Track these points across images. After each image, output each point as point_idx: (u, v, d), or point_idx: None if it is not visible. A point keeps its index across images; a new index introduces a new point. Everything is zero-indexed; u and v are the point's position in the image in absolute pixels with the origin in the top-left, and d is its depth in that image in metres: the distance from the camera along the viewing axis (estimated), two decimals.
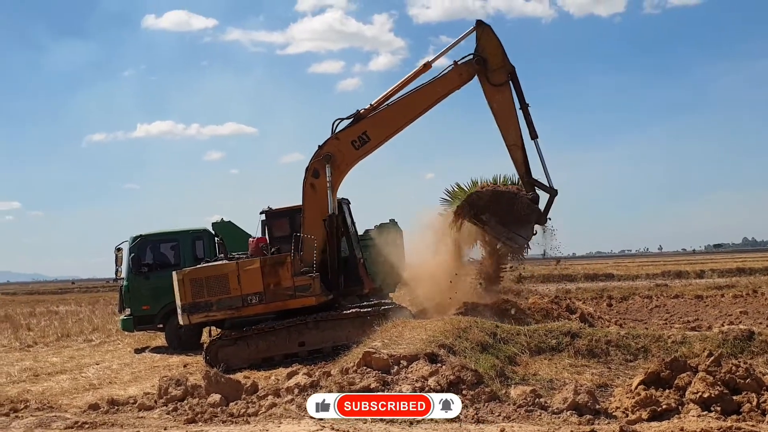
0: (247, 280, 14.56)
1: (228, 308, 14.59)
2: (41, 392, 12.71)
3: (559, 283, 41.31)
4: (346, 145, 15.23)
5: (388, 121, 15.41)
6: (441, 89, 15.54)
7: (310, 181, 15.11)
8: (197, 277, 14.63)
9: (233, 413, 9.29)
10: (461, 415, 8.43)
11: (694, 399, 8.44)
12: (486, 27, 15.55)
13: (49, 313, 34.78)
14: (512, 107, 15.55)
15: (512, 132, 15.60)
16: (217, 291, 14.51)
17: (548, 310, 16.67)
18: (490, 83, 15.39)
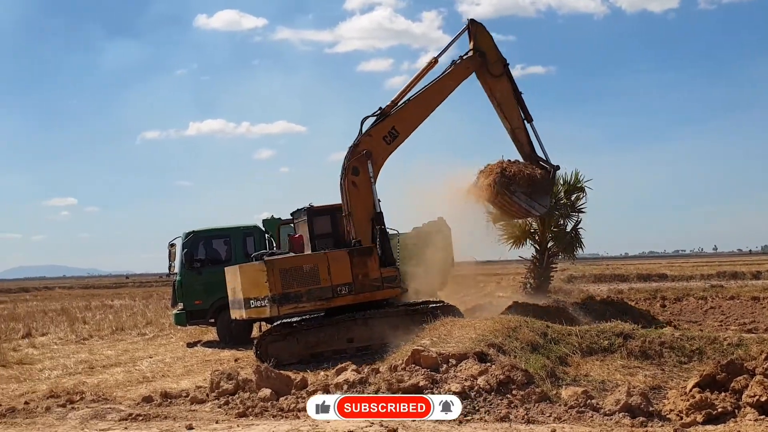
0: (337, 271, 14.58)
1: (318, 299, 14.49)
2: (96, 384, 12.96)
3: (611, 283, 40.76)
4: (379, 141, 15.57)
5: (412, 115, 16.12)
6: (453, 82, 16.77)
7: (351, 179, 15.15)
8: (288, 267, 14.43)
9: (283, 408, 9.36)
10: (511, 415, 8.38)
11: (751, 402, 8.26)
12: (479, 25, 17.12)
13: (104, 306, 35.44)
14: (511, 95, 17.39)
15: (515, 117, 17.52)
16: (308, 281, 14.38)
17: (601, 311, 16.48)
18: (491, 75, 17.02)
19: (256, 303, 14.48)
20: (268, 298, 14.20)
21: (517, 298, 21.24)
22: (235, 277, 15.04)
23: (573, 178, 22.47)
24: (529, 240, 22.63)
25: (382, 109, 15.76)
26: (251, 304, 14.53)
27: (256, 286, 14.37)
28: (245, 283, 14.62)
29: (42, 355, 17.99)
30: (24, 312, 33.18)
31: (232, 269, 15.58)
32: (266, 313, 14.62)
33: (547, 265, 22.34)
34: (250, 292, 14.52)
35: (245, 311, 14.79)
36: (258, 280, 14.34)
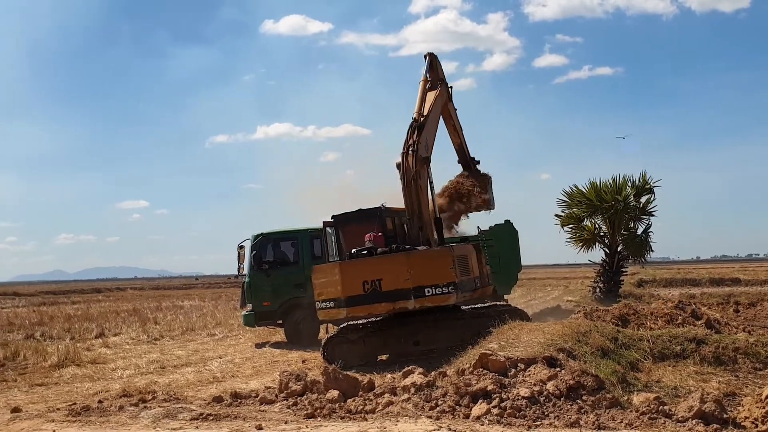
0: (474, 264, 14.96)
1: (470, 290, 14.63)
2: (167, 384, 13.21)
3: (682, 287, 39.83)
4: (423, 149, 15.48)
5: (430, 129, 16.33)
6: (440, 105, 17.30)
7: (419, 183, 15.09)
8: (460, 254, 14.50)
9: (351, 409, 9.38)
10: (582, 420, 8.26)
11: None
12: (435, 56, 17.83)
13: (175, 307, 36.13)
14: None
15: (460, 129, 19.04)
16: (465, 271, 14.50)
17: (672, 316, 16.08)
18: (449, 97, 18.14)
19: (436, 290, 14.00)
20: (453, 285, 13.93)
21: (585, 303, 21.02)
22: (391, 265, 14.32)
23: (642, 180, 22.17)
24: (599, 243, 22.42)
25: (415, 119, 15.91)
26: (426, 292, 14.00)
27: (439, 273, 14.03)
28: (421, 271, 14.07)
29: (115, 354, 18.42)
30: (97, 312, 34.02)
31: (370, 260, 14.61)
32: (452, 300, 14.15)
33: (617, 269, 22.08)
34: (426, 279, 14.03)
35: (414, 301, 14.05)
36: (440, 268, 14.07)
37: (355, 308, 14.32)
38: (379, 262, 14.37)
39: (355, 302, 14.26)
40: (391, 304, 14.11)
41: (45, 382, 14.28)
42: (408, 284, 13.96)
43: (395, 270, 14.09)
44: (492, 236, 19.92)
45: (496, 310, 14.68)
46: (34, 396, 12.77)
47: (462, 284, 14.15)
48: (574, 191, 22.14)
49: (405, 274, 14.00)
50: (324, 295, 14.64)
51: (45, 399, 12.26)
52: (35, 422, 9.70)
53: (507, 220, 20.34)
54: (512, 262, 20.03)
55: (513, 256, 20.03)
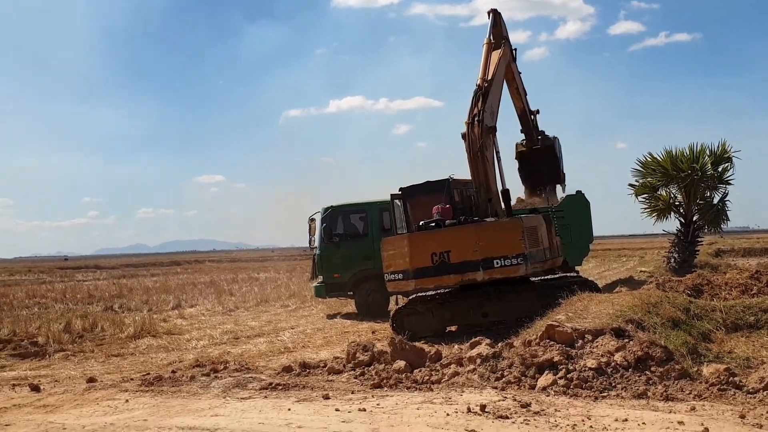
0: (545, 235, 15.05)
1: (540, 261, 14.66)
2: (240, 354, 13.52)
3: (761, 257, 38.76)
4: (488, 118, 15.30)
5: (496, 94, 16.06)
6: (504, 65, 16.82)
7: (485, 154, 14.94)
8: (531, 226, 14.53)
9: (417, 380, 9.48)
10: (649, 392, 8.18)
11: None
12: (498, 12, 17.37)
13: (250, 279, 36.81)
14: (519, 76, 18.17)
15: (525, 95, 18.35)
16: (534, 243, 14.51)
17: (747, 286, 15.72)
18: (513, 60, 17.64)
19: (505, 262, 13.99)
20: (522, 256, 13.93)
21: (659, 274, 20.66)
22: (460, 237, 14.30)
23: (720, 148, 21.60)
24: (674, 213, 21.98)
25: (479, 86, 15.59)
26: (495, 264, 14.00)
27: (508, 244, 13.98)
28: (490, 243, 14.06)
29: (190, 325, 18.92)
30: (174, 284, 34.90)
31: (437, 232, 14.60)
32: (520, 272, 14.12)
33: (693, 239, 21.63)
34: (494, 251, 14.01)
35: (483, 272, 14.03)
36: (509, 239, 14.02)
37: (423, 280, 14.35)
38: (447, 234, 14.34)
39: (424, 274, 14.28)
40: (459, 276, 14.11)
41: (121, 352, 14.77)
42: (476, 256, 13.92)
43: (464, 242, 14.07)
44: (563, 207, 19.70)
45: (566, 282, 14.55)
46: (110, 366, 13.23)
47: (531, 255, 14.05)
48: (649, 160, 21.65)
49: (473, 245, 13.96)
50: (392, 267, 14.72)
51: (120, 369, 12.69)
52: (109, 392, 10.05)
53: (578, 191, 20.07)
54: (583, 234, 19.78)
55: (584, 227, 19.78)
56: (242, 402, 8.94)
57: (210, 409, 8.63)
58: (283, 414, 8.17)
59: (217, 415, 8.32)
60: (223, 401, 9.03)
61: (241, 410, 8.47)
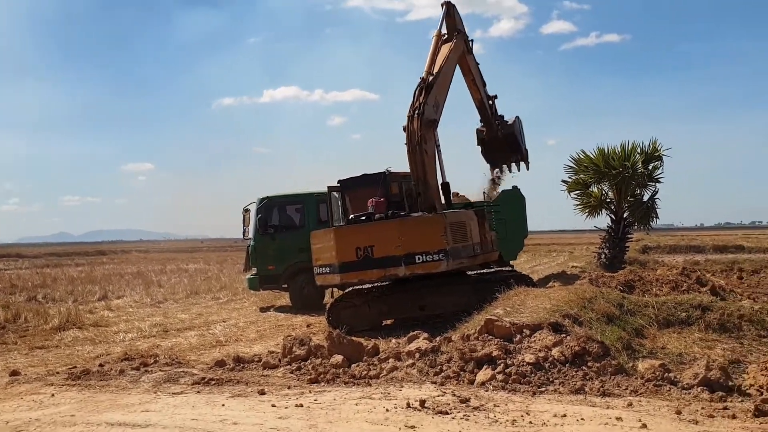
0: (474, 230, 14.83)
1: (468, 256, 14.45)
2: (170, 347, 13.17)
3: (686, 254, 39.82)
4: (430, 111, 15.28)
5: (442, 87, 16.08)
6: (455, 57, 17.00)
7: (423, 147, 14.89)
8: (454, 221, 14.24)
9: (355, 375, 9.36)
10: (587, 387, 8.23)
11: None
12: (454, 5, 17.48)
13: (179, 270, 36.15)
14: (477, 67, 18.47)
15: (483, 86, 18.70)
16: (461, 238, 14.32)
17: (677, 282, 16.06)
18: (468, 51, 17.85)
19: (426, 258, 13.81)
20: (443, 252, 13.75)
21: (590, 269, 20.98)
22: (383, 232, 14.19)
23: (651, 147, 22.02)
24: (605, 210, 22.34)
25: (423, 79, 15.49)
26: (417, 259, 13.83)
27: (430, 240, 13.83)
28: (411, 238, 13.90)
29: (117, 317, 18.39)
30: (100, 275, 34.05)
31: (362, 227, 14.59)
32: (441, 267, 13.85)
33: (623, 235, 22.02)
34: (416, 246, 13.83)
35: (405, 268, 13.89)
36: (431, 235, 13.85)
37: (348, 274, 14.31)
38: (371, 228, 14.30)
39: (348, 268, 14.23)
40: (382, 271, 14.04)
41: (45, 344, 14.22)
42: (399, 251, 13.82)
43: (387, 237, 13.98)
44: (499, 202, 19.83)
45: (501, 276, 14.62)
46: (34, 359, 12.72)
47: (455, 251, 13.97)
48: (582, 157, 21.97)
49: (396, 240, 13.86)
50: (320, 260, 14.75)
51: (45, 362, 12.20)
52: (34, 386, 9.70)
53: (514, 186, 20.26)
54: (519, 228, 19.96)
55: (519, 222, 19.96)
56: (174, 397, 8.69)
57: (140, 404, 8.37)
58: (217, 410, 7.96)
59: (148, 410, 8.06)
60: (154, 396, 8.77)
61: (173, 406, 8.22)
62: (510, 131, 19.23)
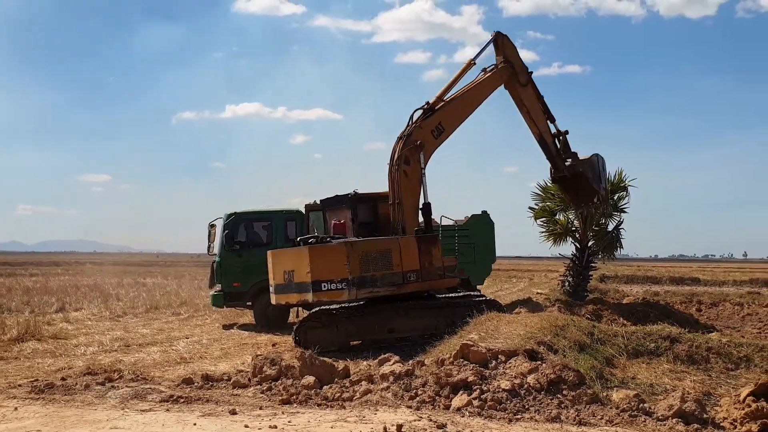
0: (408, 257, 14.39)
1: (390, 284, 14.21)
2: (133, 363, 12.89)
3: (643, 284, 40.25)
4: (428, 134, 15.50)
5: (456, 113, 16.28)
6: (489, 88, 17.15)
7: (403, 168, 14.97)
8: (367, 250, 14.10)
9: (328, 397, 9.23)
10: (562, 415, 8.19)
11: None
12: (505, 36, 17.49)
13: (137, 284, 35.58)
14: (537, 101, 17.93)
15: (542, 121, 18.03)
16: (382, 266, 14.11)
17: (643, 313, 16.17)
18: (520, 84, 17.51)
19: (330, 286, 13.85)
20: (347, 281, 13.75)
21: (554, 296, 21.06)
22: (299, 258, 14.29)
23: (617, 177, 22.22)
24: (570, 238, 22.45)
25: (429, 104, 15.79)
26: (323, 287, 13.85)
27: (333, 268, 13.85)
28: (317, 266, 13.92)
29: (77, 330, 17.99)
30: (56, 286, 33.35)
31: (289, 251, 15.02)
32: (344, 297, 13.97)
33: (587, 264, 22.12)
34: (322, 274, 13.85)
35: (312, 294, 13.93)
36: (335, 263, 13.86)
37: (279, 296, 14.76)
38: (293, 253, 14.60)
39: (280, 290, 14.67)
40: (299, 296, 14.27)
41: (4, 356, 13.80)
42: (309, 277, 13.88)
43: (301, 262, 14.07)
44: (468, 226, 19.85)
45: (471, 301, 14.59)
46: None
47: (362, 281, 13.81)
48: (549, 185, 22.09)
49: (307, 267, 13.91)
50: (271, 279, 15.03)
51: (5, 374, 11.81)
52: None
53: (484, 211, 20.28)
54: (487, 253, 19.98)
55: (488, 247, 19.98)
56: (143, 414, 8.49)
57: (108, 420, 8.16)
58: (188, 429, 7.79)
59: (117, 427, 7.87)
60: (122, 413, 8.56)
61: (143, 423, 8.03)
62: (578, 170, 18.52)
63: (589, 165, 18.60)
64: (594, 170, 18.68)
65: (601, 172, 18.91)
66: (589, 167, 18.59)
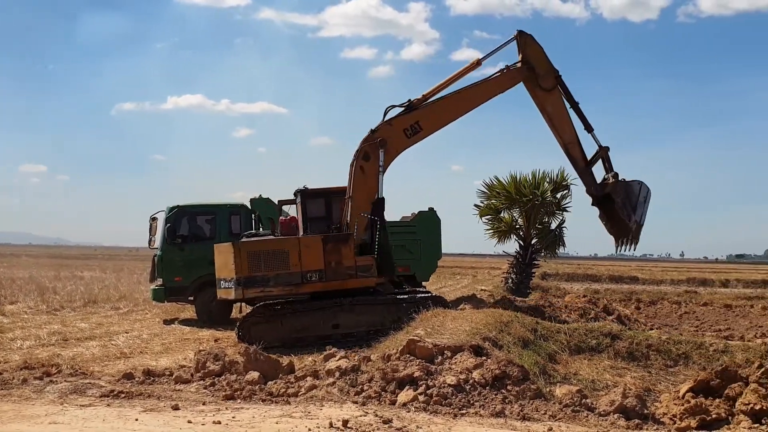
0: (308, 257, 14.35)
1: (286, 284, 14.28)
2: (72, 357, 12.58)
3: (583, 282, 40.93)
4: (399, 132, 15.28)
5: (440, 113, 15.73)
6: (492, 89, 16.18)
7: (360, 163, 14.93)
8: (256, 250, 14.24)
9: (272, 392, 9.15)
10: (506, 410, 8.24)
11: (745, 410, 8.15)
12: (528, 36, 16.22)
13: (74, 277, 34.78)
14: (564, 108, 16.29)
15: (568, 131, 16.31)
16: (276, 266, 14.17)
17: (585, 310, 16.39)
18: (541, 89, 16.12)
19: (225, 284, 14.60)
20: (234, 280, 14.15)
21: (498, 293, 21.24)
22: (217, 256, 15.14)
23: (559, 176, 22.49)
24: (514, 235, 22.68)
25: (411, 101, 15.47)
26: (222, 284, 14.77)
27: (226, 267, 14.38)
28: (219, 263, 14.86)
29: (12, 324, 17.50)
30: None
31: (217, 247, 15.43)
32: (232, 295, 14.51)
33: (530, 261, 22.38)
34: (221, 272, 14.71)
35: (218, 291, 15.19)
36: (227, 262, 14.30)
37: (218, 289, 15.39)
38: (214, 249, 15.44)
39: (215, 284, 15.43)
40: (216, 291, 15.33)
41: None
42: (215, 275, 15.07)
43: (216, 260, 15.10)
44: (415, 223, 19.88)
45: (417, 297, 14.61)
46: None
47: (251, 280, 14.09)
48: (495, 183, 22.28)
49: (218, 263, 14.94)
50: None
51: None
52: None
53: (431, 208, 20.33)
54: (433, 250, 20.04)
55: (434, 244, 20.05)
56: (83, 409, 8.31)
57: (47, 416, 7.97)
58: (130, 424, 7.64)
59: (56, 422, 7.68)
60: (61, 408, 8.37)
61: (83, 418, 7.86)
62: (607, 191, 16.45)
63: (623, 189, 16.48)
64: (629, 197, 16.49)
65: (638, 203, 16.56)
66: (624, 192, 16.47)
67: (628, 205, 16.32)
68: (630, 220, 16.35)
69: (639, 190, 16.53)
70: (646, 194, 16.60)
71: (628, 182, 16.42)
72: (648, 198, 16.62)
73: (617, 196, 16.27)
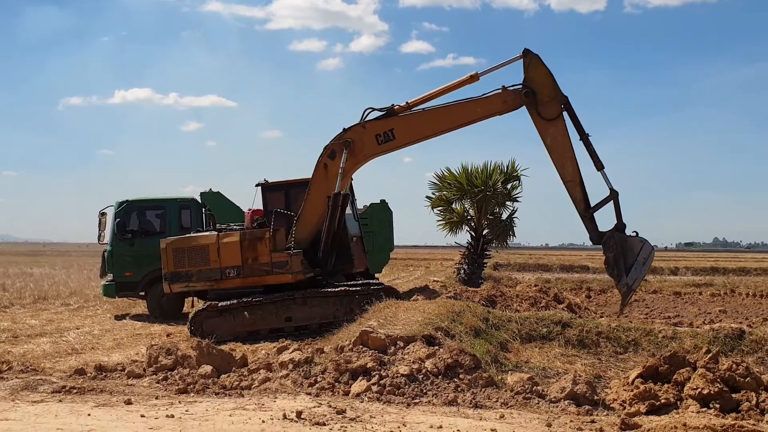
0: (227, 253, 14.79)
1: (207, 280, 14.93)
2: (22, 354, 12.43)
3: (534, 272, 41.42)
4: (370, 137, 14.61)
5: (418, 125, 14.64)
6: (481, 111, 14.55)
7: (325, 160, 14.77)
8: (180, 247, 15.07)
9: (226, 385, 9.15)
10: (459, 399, 8.36)
11: (693, 395, 8.37)
12: (534, 56, 14.22)
13: (23, 274, 34.23)
14: (567, 140, 14.28)
15: (569, 167, 14.30)
16: (198, 262, 14.91)
17: (536, 299, 16.62)
18: (542, 117, 14.19)
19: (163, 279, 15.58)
20: (163, 275, 15.37)
21: (452, 284, 21.44)
22: None
23: (510, 167, 22.77)
24: (466, 226, 22.93)
25: (393, 107, 14.60)
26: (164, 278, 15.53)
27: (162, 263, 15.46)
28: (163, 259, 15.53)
29: None
30: None
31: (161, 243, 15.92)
32: (165, 290, 15.68)
33: (481, 252, 22.66)
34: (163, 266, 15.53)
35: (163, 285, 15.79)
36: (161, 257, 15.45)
37: None
38: None
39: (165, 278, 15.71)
40: None
41: None
42: None
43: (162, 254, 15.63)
44: (367, 215, 19.95)
45: (369, 289, 14.68)
46: None
47: (175, 276, 15.18)
48: (447, 174, 22.47)
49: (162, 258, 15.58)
50: None
51: None
52: None
53: (382, 200, 20.45)
54: (385, 242, 20.17)
55: (386, 236, 20.17)
56: (34, 405, 8.23)
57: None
58: (83, 419, 7.58)
59: (8, 419, 7.59)
60: (12, 404, 8.27)
61: (35, 414, 7.78)
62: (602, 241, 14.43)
63: (620, 245, 14.41)
64: (625, 255, 14.43)
65: (634, 264, 14.42)
66: (619, 248, 14.40)
67: (621, 263, 14.42)
68: (620, 281, 14.52)
69: (639, 250, 14.43)
70: (646, 256, 14.48)
71: (627, 237, 14.43)
72: (648, 261, 14.59)
73: (609, 250, 14.40)
